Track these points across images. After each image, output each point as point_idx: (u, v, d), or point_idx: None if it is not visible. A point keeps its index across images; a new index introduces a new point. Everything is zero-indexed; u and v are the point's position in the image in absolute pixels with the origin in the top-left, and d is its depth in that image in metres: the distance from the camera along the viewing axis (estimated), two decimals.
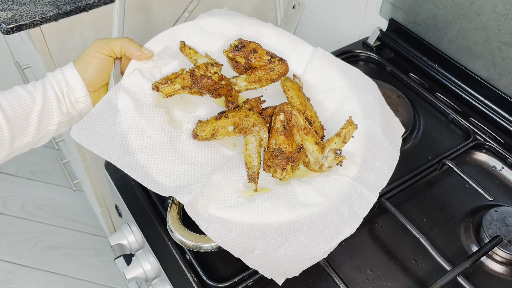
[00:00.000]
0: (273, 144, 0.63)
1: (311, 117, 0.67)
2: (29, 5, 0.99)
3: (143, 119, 0.61)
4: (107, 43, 0.63)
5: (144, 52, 0.64)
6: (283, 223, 0.57)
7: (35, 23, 0.97)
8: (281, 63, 0.68)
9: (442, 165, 0.79)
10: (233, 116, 0.62)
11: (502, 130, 0.86)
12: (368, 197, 0.61)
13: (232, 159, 0.63)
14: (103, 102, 0.61)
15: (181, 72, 0.66)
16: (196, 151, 0.62)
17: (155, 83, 0.64)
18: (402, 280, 0.65)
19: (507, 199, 0.76)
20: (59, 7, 0.98)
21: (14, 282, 1.61)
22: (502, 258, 0.67)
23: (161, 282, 0.70)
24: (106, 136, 0.58)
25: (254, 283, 0.64)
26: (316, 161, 0.63)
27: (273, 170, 0.61)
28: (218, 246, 0.57)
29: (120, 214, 0.85)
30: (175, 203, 0.61)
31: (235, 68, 0.70)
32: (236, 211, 0.57)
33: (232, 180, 0.60)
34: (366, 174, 0.64)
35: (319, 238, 0.58)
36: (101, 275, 1.63)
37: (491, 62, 0.85)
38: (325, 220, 0.59)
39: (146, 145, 0.60)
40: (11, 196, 1.84)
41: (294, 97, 0.67)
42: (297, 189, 0.62)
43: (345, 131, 0.63)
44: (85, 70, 0.63)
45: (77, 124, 0.59)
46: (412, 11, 0.97)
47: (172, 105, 0.65)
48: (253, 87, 0.69)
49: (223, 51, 0.69)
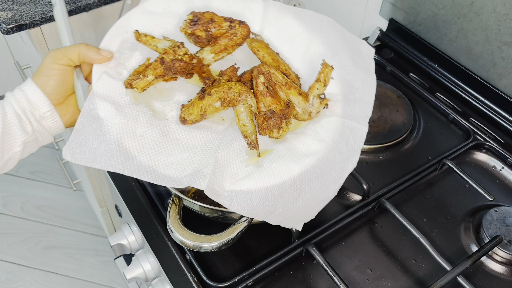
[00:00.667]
0: (262, 107, 0.63)
1: (285, 70, 0.68)
2: (29, 5, 0.99)
3: (129, 120, 0.60)
4: (63, 52, 0.60)
5: (103, 54, 0.62)
6: (296, 177, 0.60)
7: (35, 23, 0.97)
8: (242, 26, 0.67)
9: (442, 165, 0.79)
10: (217, 91, 0.62)
11: (502, 130, 0.86)
12: (360, 129, 0.64)
13: (227, 133, 0.63)
14: (83, 115, 0.59)
15: (147, 62, 0.64)
16: (190, 135, 0.62)
17: (126, 81, 0.62)
18: (402, 280, 0.65)
19: (507, 199, 0.76)
20: None
21: (14, 282, 1.61)
22: (502, 258, 0.67)
23: (161, 282, 0.70)
24: (101, 148, 0.57)
25: (254, 283, 0.65)
26: (304, 111, 0.64)
27: (269, 131, 0.62)
28: (218, 246, 0.57)
29: (120, 214, 0.85)
30: (175, 203, 0.61)
31: (197, 42, 0.68)
32: (251, 180, 0.59)
33: (235, 153, 0.61)
34: (350, 108, 0.66)
35: (328, 180, 0.61)
36: (101, 275, 1.63)
37: (491, 62, 0.85)
38: (330, 162, 0.61)
39: (143, 145, 0.59)
40: (11, 196, 1.84)
41: (265, 56, 0.67)
42: (295, 142, 0.63)
43: (323, 75, 0.65)
44: (45, 84, 0.60)
45: (66, 145, 0.57)
46: (412, 11, 0.97)
47: (149, 98, 0.64)
48: (220, 57, 0.68)
49: (180, 29, 0.68)
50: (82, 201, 1.83)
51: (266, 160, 0.61)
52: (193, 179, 0.57)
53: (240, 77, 0.67)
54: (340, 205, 0.74)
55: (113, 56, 0.63)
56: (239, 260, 0.68)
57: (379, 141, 0.83)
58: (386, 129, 0.86)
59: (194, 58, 0.63)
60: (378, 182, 0.77)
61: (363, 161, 0.81)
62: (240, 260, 0.68)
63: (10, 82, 2.01)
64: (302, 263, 0.67)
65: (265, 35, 0.72)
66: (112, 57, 0.63)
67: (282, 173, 0.60)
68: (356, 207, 0.72)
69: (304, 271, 0.67)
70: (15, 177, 1.89)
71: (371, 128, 0.86)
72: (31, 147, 0.61)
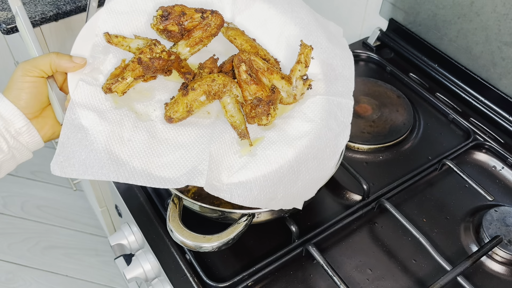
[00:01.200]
0: (248, 96, 0.62)
1: (265, 56, 0.67)
2: (29, 5, 0.99)
3: (114, 126, 0.58)
4: (34, 64, 0.57)
5: (76, 61, 0.59)
6: (292, 161, 0.60)
7: (35, 23, 0.97)
8: (214, 15, 0.66)
9: (442, 165, 0.79)
10: (200, 85, 0.61)
11: (502, 130, 0.86)
12: (346, 103, 0.65)
13: (215, 126, 0.62)
14: (66, 126, 0.56)
15: (123, 64, 0.62)
16: (178, 133, 0.61)
17: (105, 85, 0.60)
18: (402, 280, 0.65)
19: (507, 199, 0.76)
20: (59, 7, 0.98)
21: (14, 282, 1.61)
22: (502, 258, 0.67)
23: (161, 282, 0.70)
24: (91, 158, 0.55)
25: (254, 283, 0.65)
26: (289, 94, 0.64)
27: (258, 119, 0.62)
28: (218, 246, 0.57)
29: (120, 214, 0.85)
30: (174, 203, 0.61)
31: (170, 38, 0.67)
32: (248, 170, 0.59)
33: (227, 145, 0.61)
34: (333, 85, 0.66)
35: (324, 158, 0.62)
36: (101, 275, 1.63)
37: (491, 62, 0.85)
38: (322, 140, 0.62)
39: (133, 150, 0.58)
40: (11, 196, 1.84)
41: (243, 43, 0.67)
42: (285, 127, 0.63)
43: (304, 56, 0.64)
44: (18, 98, 0.57)
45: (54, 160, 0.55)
46: (412, 11, 0.97)
47: (130, 101, 0.62)
48: (196, 50, 0.67)
49: (151, 26, 0.66)
50: (82, 201, 1.83)
51: (259, 148, 0.61)
52: (190, 177, 0.56)
53: (221, 67, 0.66)
54: (340, 205, 0.74)
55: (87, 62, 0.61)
56: (239, 260, 0.68)
57: (379, 141, 0.83)
58: (386, 129, 0.86)
59: (172, 55, 0.62)
60: (378, 182, 0.77)
61: (363, 161, 0.81)
62: (240, 260, 0.68)
63: None
64: (302, 263, 0.67)
65: (237, 22, 0.71)
66: (86, 63, 0.61)
67: (277, 158, 0.60)
68: (356, 207, 0.72)
69: (304, 271, 0.67)
70: (15, 177, 1.89)
71: (371, 128, 0.86)
72: (8, 166, 0.59)
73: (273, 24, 0.71)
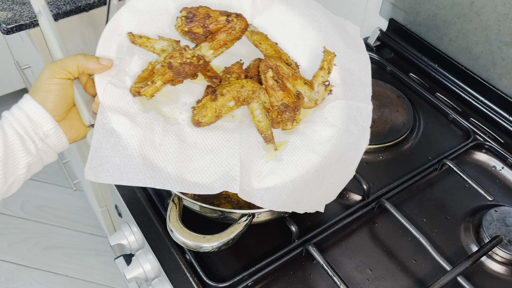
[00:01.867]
0: (275, 102, 0.63)
1: (287, 60, 0.68)
2: (29, 5, 0.99)
3: (145, 130, 0.58)
4: (61, 65, 0.56)
5: (103, 63, 0.58)
6: (317, 165, 0.62)
7: (35, 23, 0.97)
8: (239, 19, 0.65)
9: (442, 165, 0.79)
10: (229, 91, 0.61)
11: (502, 130, 0.86)
12: (365, 108, 0.66)
13: (242, 131, 0.63)
14: (98, 131, 0.56)
15: (150, 66, 0.62)
16: (206, 138, 0.61)
17: (133, 89, 0.60)
18: (402, 280, 0.65)
19: (507, 199, 0.76)
20: (59, 7, 0.98)
21: (14, 282, 1.61)
22: (502, 258, 0.67)
23: (161, 282, 0.70)
24: (126, 163, 0.55)
25: (254, 283, 0.65)
26: (310, 99, 0.65)
27: (283, 124, 0.63)
28: (218, 246, 0.57)
29: (120, 214, 0.85)
30: (175, 203, 0.61)
31: (194, 39, 0.66)
32: (276, 176, 0.60)
33: (255, 150, 0.62)
34: (351, 90, 0.67)
35: (346, 162, 0.63)
36: (101, 275, 1.63)
37: (491, 62, 0.85)
38: (344, 145, 0.64)
39: (165, 155, 0.58)
40: (11, 196, 1.83)
41: (267, 48, 0.67)
42: (307, 131, 0.64)
43: (327, 62, 0.65)
44: (46, 100, 0.56)
45: (87, 165, 0.54)
46: (412, 11, 0.97)
47: (157, 104, 0.62)
48: (220, 52, 0.66)
49: (175, 27, 0.65)
50: (82, 201, 1.83)
51: (285, 153, 0.62)
52: (224, 183, 0.57)
53: (246, 72, 0.66)
54: (340, 205, 0.74)
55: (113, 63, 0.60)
56: (239, 260, 0.68)
57: (379, 141, 0.83)
58: (386, 129, 0.86)
59: (200, 59, 0.62)
60: (378, 182, 0.77)
61: (363, 161, 0.81)
62: (240, 260, 0.68)
63: (10, 82, 2.00)
64: (302, 263, 0.67)
65: (255, 23, 0.71)
66: (112, 65, 0.60)
67: (303, 164, 0.61)
68: (356, 207, 0.72)
69: (304, 271, 0.67)
70: None
71: (371, 128, 0.85)
72: (35, 168, 0.59)
73: (290, 27, 0.71)
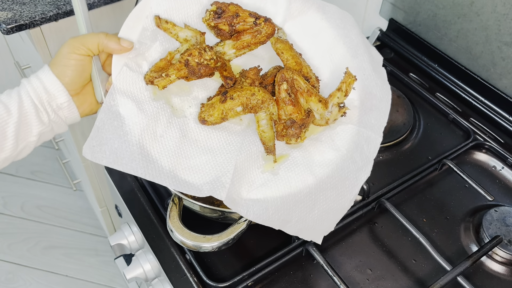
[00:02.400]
0: (283, 115, 0.62)
1: (307, 74, 0.66)
2: (29, 5, 0.99)
3: (149, 119, 0.58)
4: (82, 41, 0.57)
5: (123, 45, 0.59)
6: (311, 187, 0.60)
7: (35, 23, 0.97)
8: (267, 24, 0.64)
9: (442, 165, 0.79)
10: (239, 96, 0.61)
11: (502, 130, 0.86)
12: (375, 139, 0.64)
13: (245, 135, 0.62)
14: (104, 112, 0.56)
15: (169, 57, 0.61)
16: (208, 136, 0.61)
17: (147, 77, 0.60)
18: (402, 280, 0.65)
19: (507, 199, 0.76)
20: (59, 7, 0.98)
21: (14, 282, 1.61)
22: (502, 258, 0.67)
23: (161, 282, 0.70)
24: (123, 148, 0.55)
25: (254, 283, 0.65)
26: (322, 117, 0.64)
27: (287, 139, 0.62)
28: (218, 246, 0.57)
29: (120, 214, 0.85)
30: (175, 203, 0.61)
31: (219, 35, 0.66)
32: (267, 189, 0.59)
33: (253, 158, 0.61)
34: (367, 116, 0.65)
35: (343, 190, 0.61)
36: (101, 275, 1.63)
37: (491, 62, 0.85)
38: (344, 172, 0.62)
39: (163, 147, 0.57)
40: (11, 196, 1.84)
41: (289, 58, 0.66)
42: (311, 149, 0.63)
43: (345, 85, 0.64)
44: (63, 74, 0.57)
45: (87, 143, 0.55)
46: (412, 11, 0.97)
47: (168, 93, 0.62)
48: (242, 53, 0.66)
49: (203, 20, 0.64)
50: (82, 201, 1.83)
51: (282, 168, 0.61)
52: (212, 188, 0.56)
53: (262, 79, 0.66)
54: None
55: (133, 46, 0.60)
56: (239, 260, 0.68)
57: None
58: (386, 129, 0.85)
59: (218, 61, 0.62)
60: (378, 182, 0.77)
61: None
62: (240, 260, 0.68)
63: (10, 82, 2.00)
64: (302, 263, 0.67)
65: (286, 28, 0.70)
66: (132, 48, 0.60)
67: (297, 182, 0.60)
68: (356, 207, 0.72)
69: (304, 271, 0.67)
70: (15, 177, 1.89)
71: None
72: (46, 136, 0.61)
73: (322, 38, 0.69)
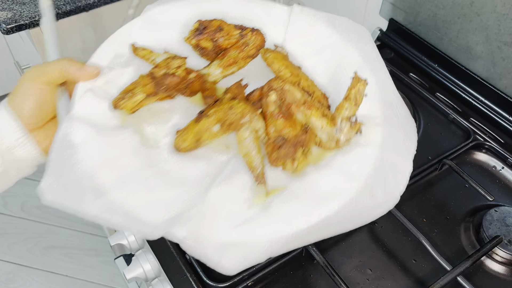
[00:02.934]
0: (272, 133, 0.51)
1: (308, 87, 0.55)
2: (29, 5, 0.99)
3: (111, 147, 0.49)
4: (43, 69, 0.51)
5: (88, 70, 0.53)
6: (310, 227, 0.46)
7: (35, 23, 0.97)
8: (255, 34, 0.57)
9: (442, 165, 0.79)
10: (215, 112, 0.50)
11: (502, 130, 0.86)
12: (403, 167, 0.50)
13: (229, 164, 0.50)
14: (56, 141, 0.49)
15: (140, 79, 0.54)
16: (183, 167, 0.50)
17: (114, 101, 0.52)
18: (402, 280, 0.65)
19: (507, 199, 0.76)
20: (59, 7, 0.98)
21: (14, 282, 1.61)
22: (502, 258, 0.67)
23: (161, 282, 0.70)
24: (72, 182, 0.47)
25: (254, 283, 0.64)
26: (330, 137, 0.51)
27: (282, 162, 0.49)
28: None
29: None
30: None
31: (204, 55, 0.58)
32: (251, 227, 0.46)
33: (236, 190, 0.49)
34: (393, 137, 0.51)
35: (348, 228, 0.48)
36: (101, 275, 1.63)
37: (491, 62, 0.85)
38: (357, 209, 0.47)
39: (120, 178, 0.48)
40: (11, 196, 1.84)
41: (281, 68, 0.55)
42: (316, 178, 0.49)
43: (354, 91, 0.52)
44: (21, 106, 0.50)
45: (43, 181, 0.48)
46: (412, 11, 0.97)
47: (140, 121, 0.53)
48: (230, 72, 0.57)
49: (184, 39, 0.58)
50: None
51: (276, 201, 0.48)
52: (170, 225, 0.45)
53: (248, 95, 0.55)
54: None
55: (102, 72, 0.54)
56: None
57: None
58: None
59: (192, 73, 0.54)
60: None
61: None
62: None
63: (10, 82, 2.01)
64: (302, 263, 0.67)
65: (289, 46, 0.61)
66: (99, 73, 0.54)
67: (292, 220, 0.46)
68: None
69: (304, 271, 0.67)
70: None
71: None
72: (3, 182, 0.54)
73: (332, 52, 0.58)
